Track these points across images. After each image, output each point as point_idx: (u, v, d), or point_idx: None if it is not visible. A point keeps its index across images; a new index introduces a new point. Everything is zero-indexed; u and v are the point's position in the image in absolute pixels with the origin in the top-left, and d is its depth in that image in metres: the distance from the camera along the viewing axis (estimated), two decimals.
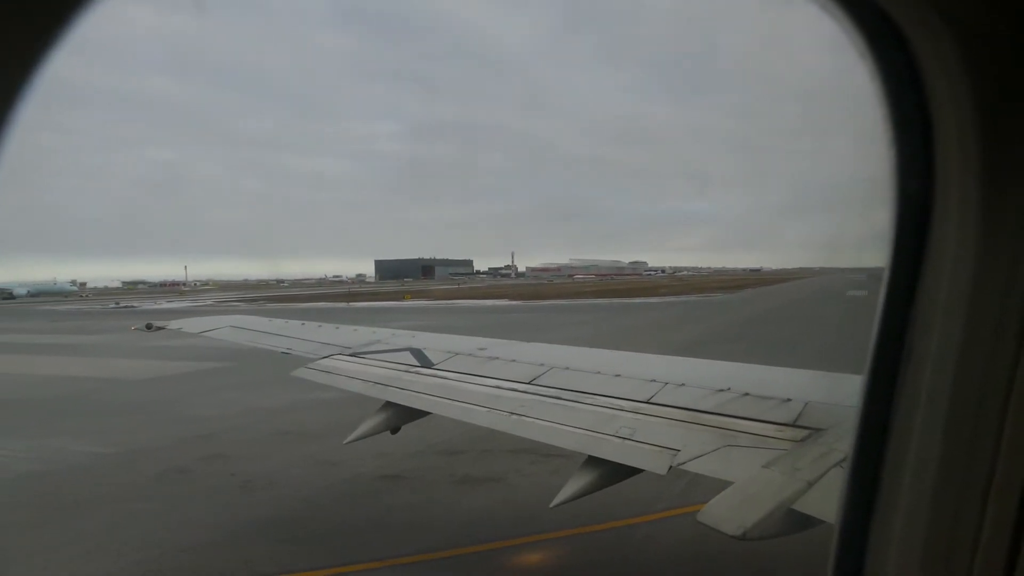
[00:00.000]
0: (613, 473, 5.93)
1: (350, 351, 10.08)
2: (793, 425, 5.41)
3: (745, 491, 4.69)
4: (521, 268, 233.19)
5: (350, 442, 8.37)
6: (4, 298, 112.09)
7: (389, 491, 11.80)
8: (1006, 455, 1.56)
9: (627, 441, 5.97)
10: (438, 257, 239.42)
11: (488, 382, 7.97)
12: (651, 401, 6.54)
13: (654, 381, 6.93)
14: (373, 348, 10.06)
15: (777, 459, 4.94)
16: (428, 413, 7.96)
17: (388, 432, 8.37)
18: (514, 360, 8.54)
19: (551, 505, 6.06)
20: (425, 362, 9.05)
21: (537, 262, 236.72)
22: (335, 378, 9.23)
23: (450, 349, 9.39)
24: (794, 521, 4.29)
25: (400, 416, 8.23)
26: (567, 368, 7.90)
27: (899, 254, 1.73)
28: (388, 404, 8.27)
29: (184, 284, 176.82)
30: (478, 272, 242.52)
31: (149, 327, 19.33)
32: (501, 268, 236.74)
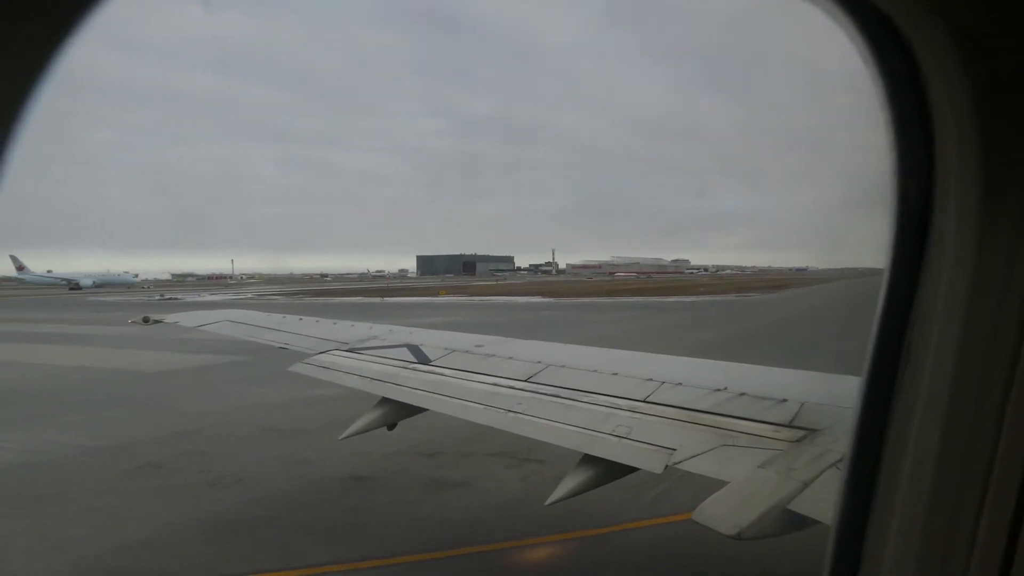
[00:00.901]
0: (609, 472, 5.91)
1: (347, 347, 10.05)
2: (789, 426, 5.38)
3: (741, 491, 4.69)
4: (562, 265, 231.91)
5: (345, 438, 8.38)
6: (72, 288, 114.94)
7: (353, 492, 11.65)
8: (1003, 456, 1.57)
9: (623, 440, 5.95)
10: (479, 253, 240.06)
11: (485, 379, 7.93)
12: (648, 400, 6.51)
13: (651, 380, 6.89)
14: (370, 344, 10.03)
15: (773, 459, 4.94)
16: (425, 410, 7.94)
17: (385, 428, 8.36)
18: (511, 358, 8.46)
19: (546, 503, 6.04)
20: (422, 359, 9.00)
21: (578, 259, 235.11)
22: (332, 374, 9.22)
23: (447, 346, 9.32)
24: (789, 521, 4.29)
25: (396, 412, 8.21)
26: (564, 366, 7.84)
27: (898, 254, 1.72)
28: (385, 400, 8.26)
29: (230, 277, 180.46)
30: (519, 268, 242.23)
31: (146, 320, 19.29)
32: (542, 265, 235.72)
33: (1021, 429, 1.55)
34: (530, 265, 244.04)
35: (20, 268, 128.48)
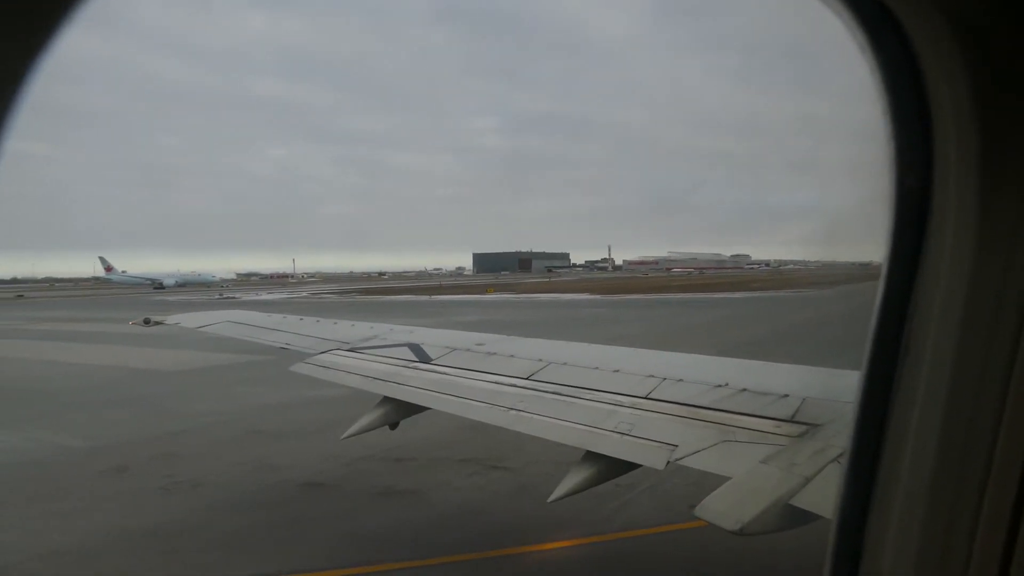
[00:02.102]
0: (611, 468, 5.92)
1: (348, 346, 10.04)
2: (791, 421, 5.37)
3: (743, 486, 4.70)
4: (618, 261, 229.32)
5: (347, 437, 8.42)
6: (156, 287, 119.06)
7: (298, 501, 11.40)
8: (1002, 451, 1.57)
9: (625, 436, 5.96)
10: (535, 250, 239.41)
11: (486, 378, 7.92)
12: (649, 397, 6.50)
13: (652, 377, 6.88)
14: (371, 343, 10.01)
15: (775, 455, 4.94)
16: (426, 408, 7.94)
17: (387, 427, 8.39)
18: (512, 356, 8.43)
19: (549, 500, 6.03)
20: (423, 357, 8.99)
21: (634, 255, 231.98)
22: (333, 373, 9.23)
23: (448, 344, 9.31)
24: (791, 516, 4.28)
25: (398, 411, 8.22)
26: (566, 364, 7.84)
27: (897, 250, 1.71)
28: (386, 399, 8.26)
29: (291, 276, 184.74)
30: (575, 265, 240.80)
31: (147, 322, 19.41)
32: (598, 261, 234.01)
33: (1020, 423, 1.55)
34: (586, 262, 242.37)
35: (108, 269, 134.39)
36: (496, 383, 7.73)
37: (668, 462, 5.46)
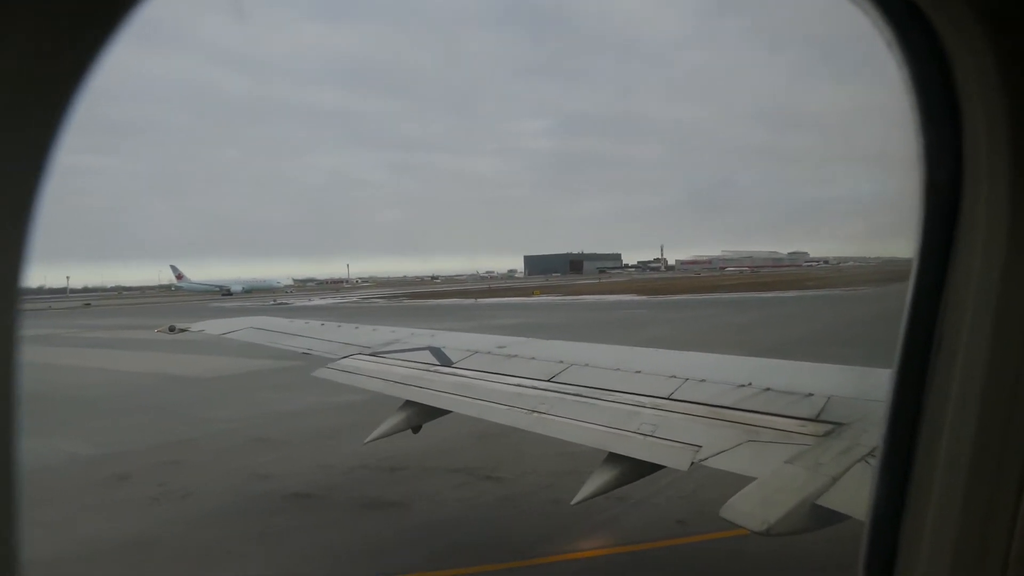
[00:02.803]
0: (634, 470, 5.90)
1: (370, 351, 10.08)
2: (816, 420, 5.31)
3: (768, 487, 4.65)
4: (671, 261, 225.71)
5: (370, 441, 8.47)
6: (224, 294, 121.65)
7: (278, 513, 11.21)
8: None
9: (648, 438, 5.92)
10: (586, 252, 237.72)
11: (508, 380, 7.91)
12: (672, 397, 6.45)
13: (674, 377, 6.83)
14: (393, 347, 10.05)
15: (800, 454, 4.90)
16: (448, 412, 7.96)
17: (410, 431, 8.42)
18: (533, 358, 8.43)
19: (572, 503, 6.01)
20: (445, 361, 9.00)
21: (687, 254, 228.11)
22: (355, 378, 9.29)
23: (469, 347, 9.30)
24: (819, 517, 4.25)
25: (420, 415, 8.25)
26: (587, 365, 7.81)
27: (927, 245, 1.69)
28: (408, 403, 8.29)
29: (346, 281, 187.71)
30: (626, 266, 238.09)
31: (172, 329, 19.66)
32: (650, 262, 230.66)
33: None
34: (638, 262, 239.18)
35: (179, 277, 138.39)
36: (518, 385, 7.70)
37: (692, 463, 5.41)
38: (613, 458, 5.99)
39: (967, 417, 1.61)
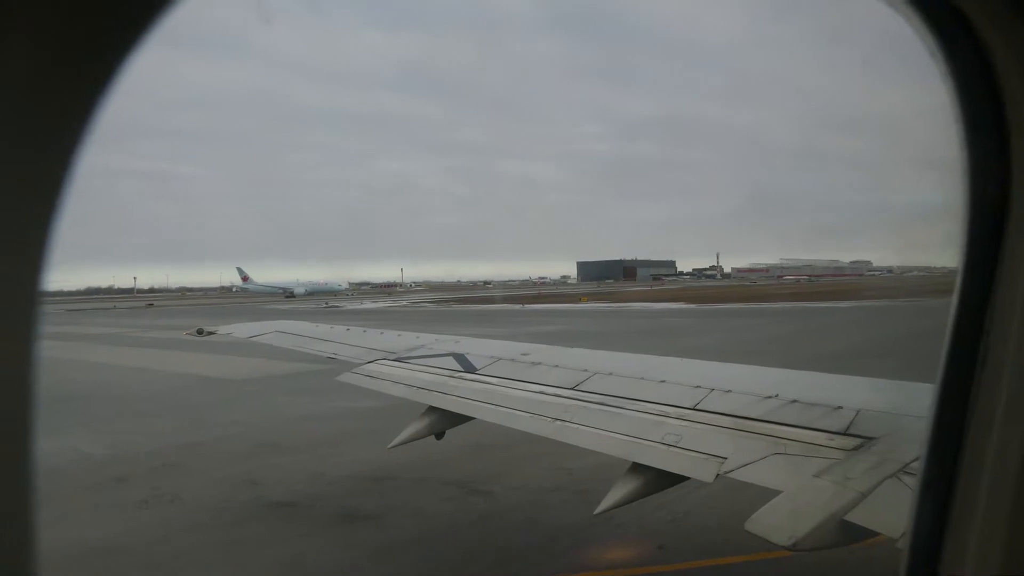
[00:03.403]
0: (658, 480, 5.83)
1: (394, 356, 10.14)
2: (844, 434, 5.21)
3: (795, 500, 4.61)
4: (727, 269, 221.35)
5: (393, 447, 8.49)
6: (287, 296, 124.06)
7: (262, 521, 11.16)
8: None
9: (673, 448, 5.86)
10: (640, 258, 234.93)
11: (531, 387, 7.91)
12: (697, 408, 6.38)
13: (700, 387, 6.75)
14: (417, 353, 10.09)
15: (828, 468, 4.81)
16: (471, 418, 7.96)
17: (433, 437, 8.43)
18: (557, 365, 8.38)
19: (595, 512, 5.96)
20: (468, 367, 9.01)
21: (744, 262, 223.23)
22: (379, 383, 9.34)
23: (493, 354, 9.30)
24: (847, 532, 4.20)
25: (443, 421, 8.26)
26: (611, 374, 7.75)
27: (972, 257, 1.66)
28: (431, 409, 8.31)
29: (400, 285, 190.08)
30: (681, 273, 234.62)
31: (200, 332, 20.03)
32: (706, 269, 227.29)
33: None
34: (693, 270, 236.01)
35: (245, 279, 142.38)
36: (541, 393, 7.68)
37: (717, 474, 5.35)
38: (637, 468, 5.92)
39: (1014, 434, 1.57)
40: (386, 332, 12.19)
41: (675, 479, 5.76)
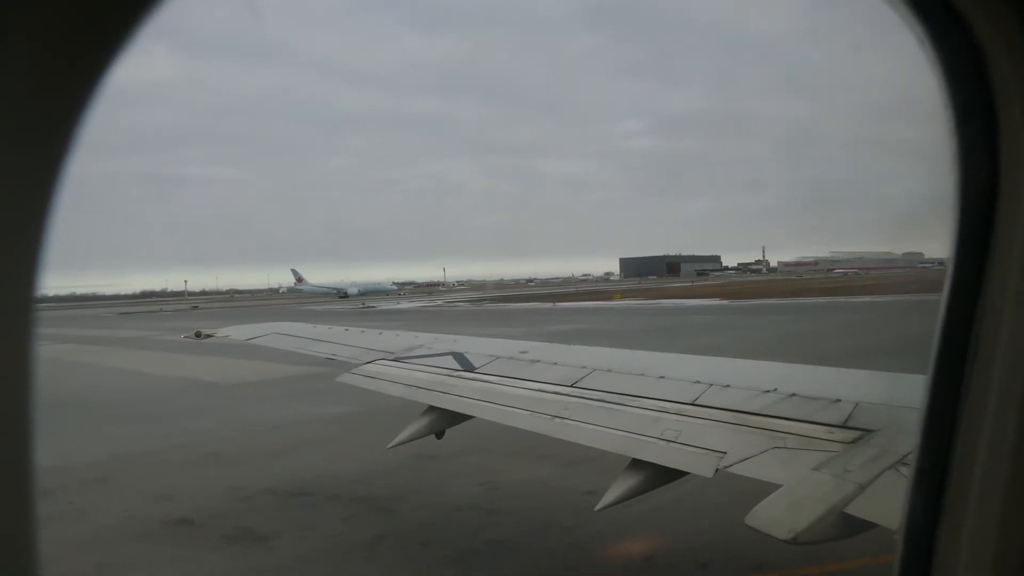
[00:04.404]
0: (658, 476, 5.86)
1: (393, 356, 10.17)
2: (843, 426, 5.25)
3: (795, 494, 4.65)
4: (773, 263, 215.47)
5: (393, 446, 8.51)
6: (340, 296, 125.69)
7: (150, 540, 10.63)
8: None
9: (672, 443, 5.89)
10: (684, 253, 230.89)
11: (530, 385, 7.93)
12: (696, 403, 6.41)
13: (698, 383, 6.76)
14: (416, 353, 10.11)
15: (827, 461, 4.86)
16: (471, 417, 8.01)
17: (433, 436, 8.44)
18: (556, 363, 8.40)
19: (596, 508, 5.93)
20: (467, 366, 9.03)
21: (792, 256, 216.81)
22: (378, 383, 9.38)
23: (492, 353, 9.32)
24: (846, 525, 4.25)
25: (443, 420, 8.29)
26: (610, 370, 7.77)
27: (963, 247, 1.66)
28: (431, 408, 8.34)
29: (441, 285, 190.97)
30: (726, 268, 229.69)
31: (198, 335, 20.11)
32: (751, 263, 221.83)
33: None
34: (739, 264, 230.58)
35: (299, 280, 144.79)
36: (540, 391, 7.70)
37: (717, 470, 5.37)
38: (636, 464, 5.93)
39: (1005, 425, 1.57)
40: (384, 332, 12.17)
41: (674, 475, 5.77)
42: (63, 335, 49.74)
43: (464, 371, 8.86)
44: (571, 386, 7.55)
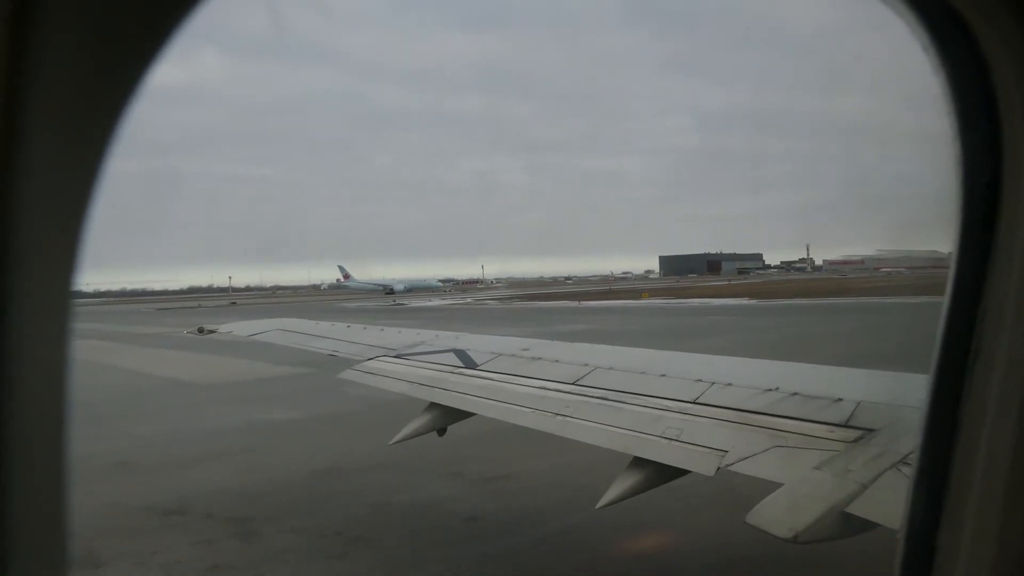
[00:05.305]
0: (659, 474, 5.89)
1: (395, 352, 10.20)
2: (845, 425, 5.21)
3: (796, 493, 4.66)
4: (818, 261, 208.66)
5: (396, 443, 8.51)
6: (387, 292, 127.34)
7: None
8: None
9: (674, 442, 5.90)
10: (726, 251, 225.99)
11: (532, 383, 7.92)
12: (698, 401, 6.41)
13: (700, 381, 6.75)
14: (418, 349, 10.13)
15: (829, 460, 4.86)
16: (473, 414, 8.05)
17: (435, 433, 8.47)
18: (558, 361, 8.40)
19: (597, 506, 5.95)
20: (469, 363, 9.01)
21: (837, 254, 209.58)
22: (380, 379, 9.42)
23: (494, 350, 9.31)
24: (847, 524, 4.25)
25: (445, 417, 8.32)
26: (611, 368, 7.75)
27: (966, 248, 1.68)
28: (433, 405, 8.38)
29: (480, 282, 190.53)
30: (768, 266, 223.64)
31: (201, 331, 19.91)
32: (795, 262, 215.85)
33: None
34: (782, 262, 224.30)
35: (346, 276, 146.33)
36: (542, 388, 7.70)
37: (718, 468, 5.38)
38: (638, 462, 5.96)
39: (1007, 424, 1.57)
40: (387, 329, 12.17)
41: (676, 473, 5.79)
42: (89, 330, 50.57)
43: (466, 368, 8.87)
44: (573, 384, 7.56)
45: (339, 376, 10.11)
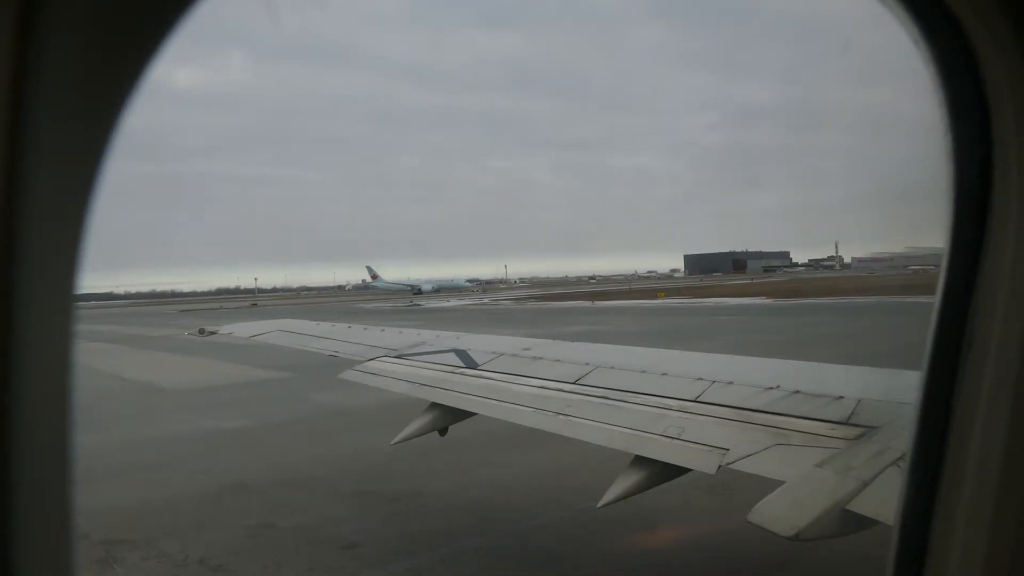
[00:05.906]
0: (661, 473, 5.91)
1: (396, 353, 10.22)
2: (846, 423, 5.25)
3: (797, 491, 4.68)
4: (847, 259, 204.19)
5: (397, 443, 8.56)
6: (415, 293, 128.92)
7: None
8: None
9: (675, 440, 5.91)
10: (752, 249, 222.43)
11: (533, 382, 7.94)
12: (699, 400, 6.40)
13: (701, 380, 6.78)
14: (419, 350, 10.15)
15: (830, 458, 4.87)
16: (474, 414, 8.09)
17: (436, 433, 8.51)
18: (559, 360, 8.41)
19: (599, 505, 5.97)
20: (470, 363, 9.02)
21: (866, 251, 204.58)
22: (382, 380, 9.46)
23: (495, 350, 9.32)
24: (849, 522, 4.28)
25: (446, 417, 8.35)
26: (613, 367, 7.78)
27: (957, 242, 1.67)
28: (434, 405, 8.41)
29: (503, 281, 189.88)
30: (795, 264, 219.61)
31: (202, 332, 19.69)
32: (823, 260, 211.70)
33: None
34: (809, 260, 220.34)
35: (374, 277, 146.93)
36: (543, 388, 7.72)
37: (719, 466, 5.39)
38: (640, 461, 5.98)
39: (999, 419, 1.56)
40: (388, 329, 12.21)
41: (677, 471, 5.83)
42: (97, 333, 50.74)
43: (467, 368, 8.88)
44: (574, 383, 7.57)
45: (340, 376, 10.17)
